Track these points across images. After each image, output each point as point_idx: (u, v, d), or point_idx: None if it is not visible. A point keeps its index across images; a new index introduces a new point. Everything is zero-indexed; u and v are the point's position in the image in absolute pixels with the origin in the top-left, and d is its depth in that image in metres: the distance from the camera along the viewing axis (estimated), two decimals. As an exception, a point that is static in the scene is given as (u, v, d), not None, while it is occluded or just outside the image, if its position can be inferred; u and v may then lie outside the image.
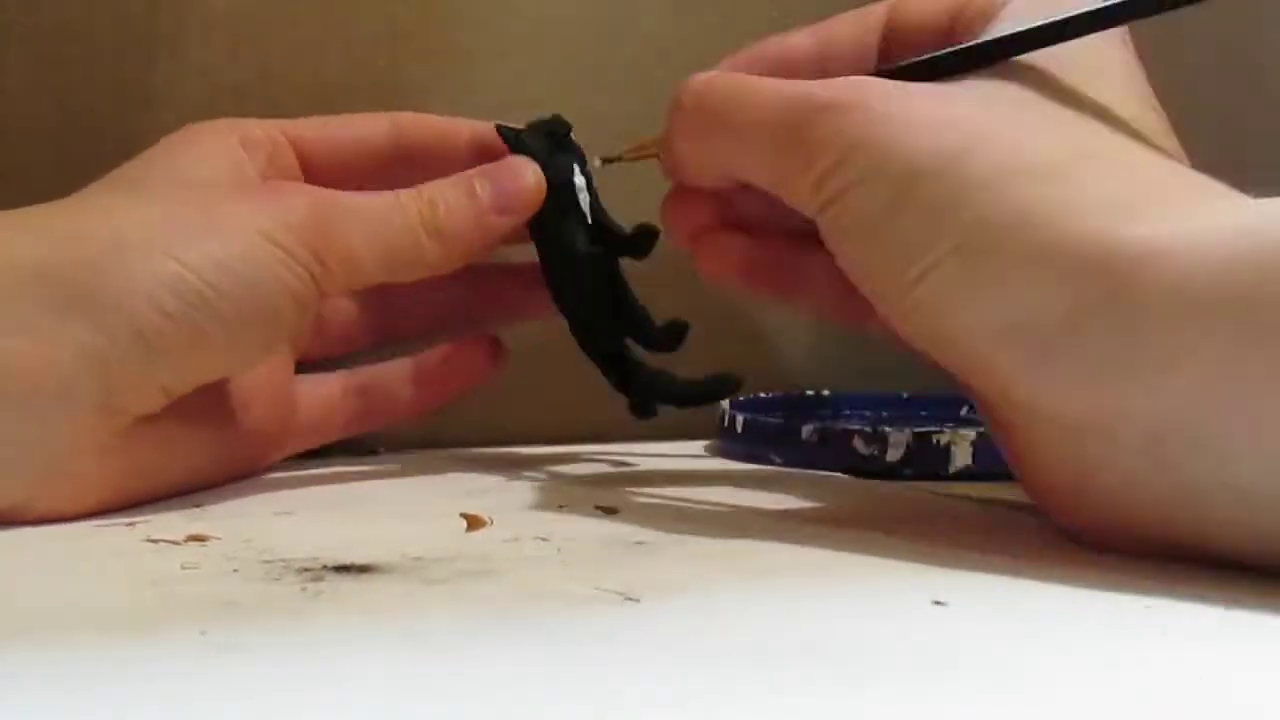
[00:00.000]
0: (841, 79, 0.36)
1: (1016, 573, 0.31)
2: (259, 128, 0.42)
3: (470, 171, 0.41)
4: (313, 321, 0.42)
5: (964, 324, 0.33)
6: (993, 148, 0.33)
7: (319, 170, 0.43)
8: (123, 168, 0.40)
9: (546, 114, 0.44)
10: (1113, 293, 0.31)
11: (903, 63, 0.37)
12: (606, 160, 0.43)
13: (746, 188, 0.38)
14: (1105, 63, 0.35)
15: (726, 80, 0.38)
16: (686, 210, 0.41)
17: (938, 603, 0.28)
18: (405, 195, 0.40)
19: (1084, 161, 0.33)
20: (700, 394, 0.44)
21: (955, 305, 0.33)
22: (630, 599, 0.28)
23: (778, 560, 0.33)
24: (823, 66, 0.40)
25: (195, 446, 0.39)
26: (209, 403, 0.39)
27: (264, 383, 0.41)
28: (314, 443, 0.45)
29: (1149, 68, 0.37)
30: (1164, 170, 0.33)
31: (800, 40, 0.40)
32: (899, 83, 0.35)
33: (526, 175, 0.41)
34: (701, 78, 0.38)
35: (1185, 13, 0.37)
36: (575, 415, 0.53)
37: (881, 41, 0.40)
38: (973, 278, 0.32)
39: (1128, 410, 0.31)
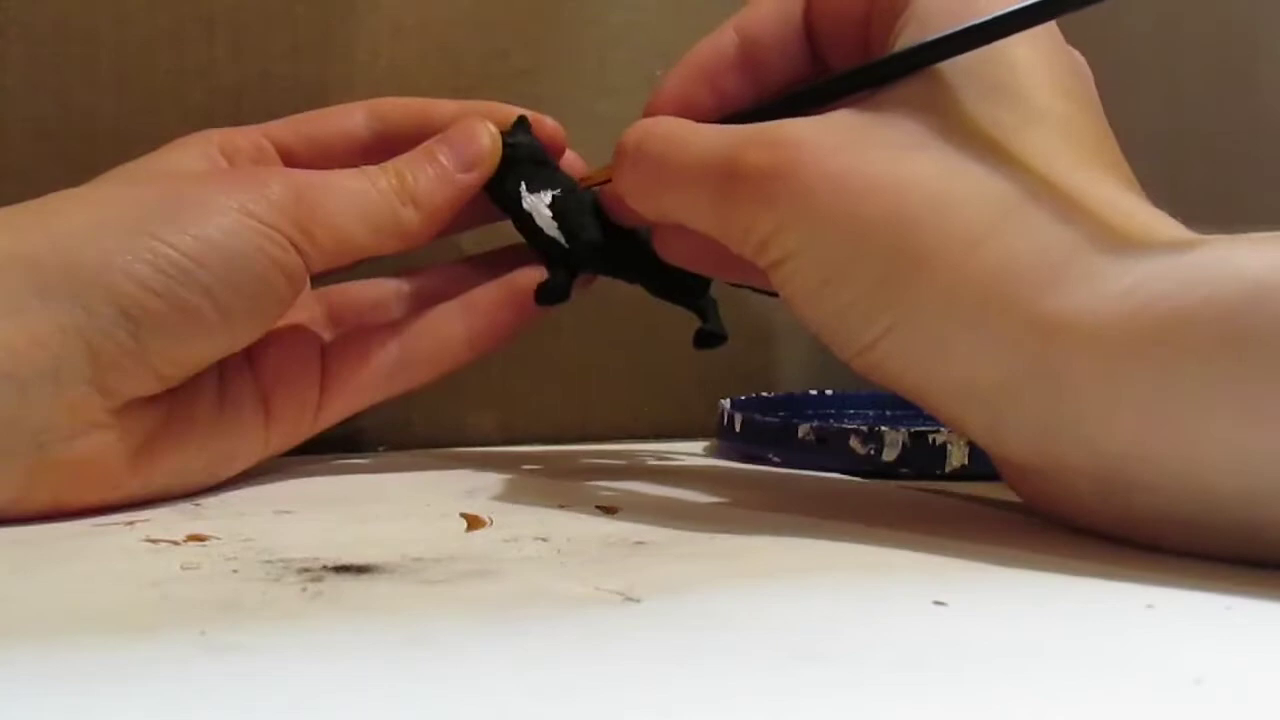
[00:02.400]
0: (771, 130, 0.35)
1: (1016, 572, 0.31)
2: (240, 134, 0.43)
3: (428, 142, 0.42)
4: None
5: (916, 385, 0.34)
6: (921, 216, 0.33)
7: (302, 167, 0.43)
8: (109, 172, 0.41)
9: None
10: (1039, 359, 0.32)
11: (824, 80, 0.37)
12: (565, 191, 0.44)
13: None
14: (1018, 59, 0.35)
15: (663, 132, 0.38)
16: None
17: (938, 603, 0.28)
18: (373, 170, 0.41)
19: (1011, 217, 0.33)
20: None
21: (905, 372, 0.34)
22: (630, 599, 0.28)
23: (778, 560, 0.33)
24: (753, 71, 0.40)
25: (210, 428, 0.39)
26: (224, 384, 0.39)
27: (286, 352, 0.41)
28: (359, 404, 0.43)
29: (1145, 69, 0.37)
30: (1093, 204, 0.33)
31: (726, 43, 0.40)
32: (827, 138, 0.34)
33: (481, 134, 0.42)
34: (640, 128, 0.39)
35: (1183, 13, 0.36)
36: (575, 415, 0.53)
37: (805, 30, 0.39)
38: (915, 348, 0.34)
39: (1072, 463, 0.32)
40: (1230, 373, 0.29)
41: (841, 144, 0.34)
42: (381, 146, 0.44)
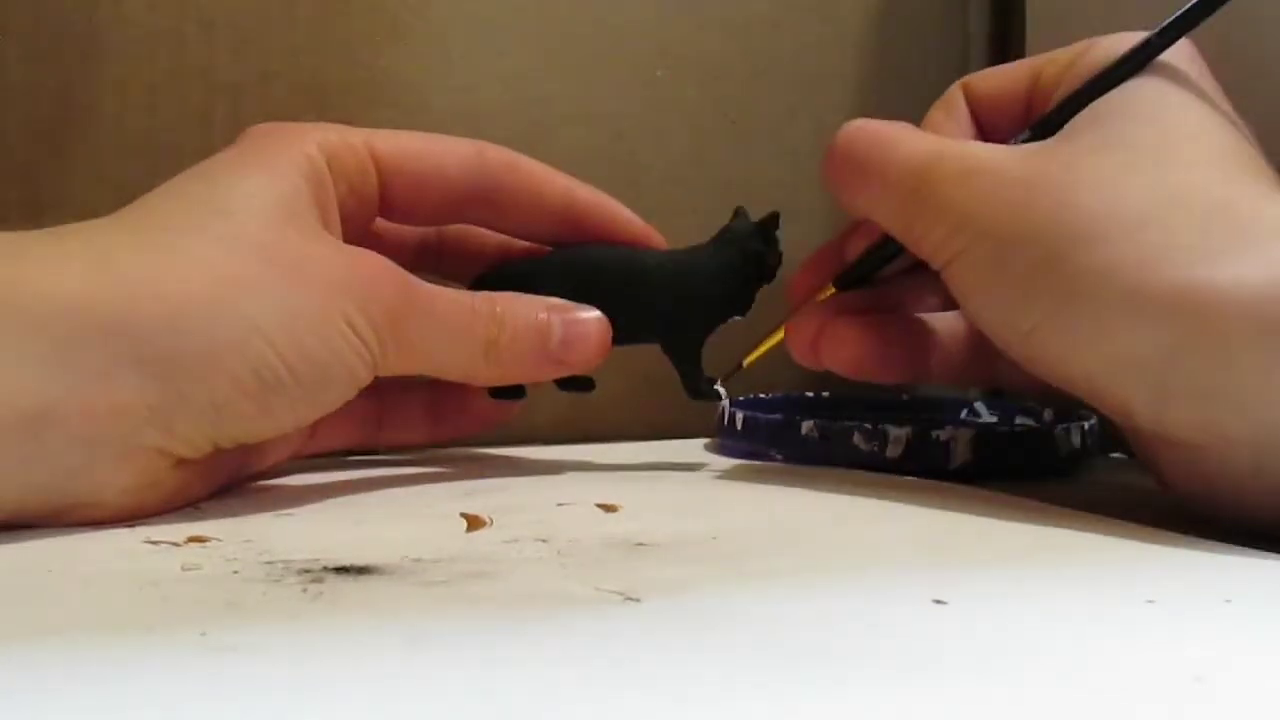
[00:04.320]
0: (964, 144, 0.39)
1: (1017, 570, 0.31)
2: (345, 145, 0.40)
3: (546, 306, 0.42)
4: None
5: (1079, 368, 0.36)
6: (1081, 206, 0.35)
7: (397, 198, 0.42)
8: (196, 177, 0.38)
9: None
10: (1201, 330, 0.33)
11: (1023, 135, 0.40)
12: (726, 377, 0.45)
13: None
14: (1173, 87, 0.38)
15: (869, 132, 0.41)
16: (802, 324, 0.44)
17: (938, 601, 0.28)
18: (480, 306, 0.40)
19: (1166, 209, 0.35)
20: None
21: (1067, 353, 0.36)
22: (630, 599, 0.28)
23: (778, 560, 0.33)
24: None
25: (229, 461, 0.39)
26: None
27: None
28: (332, 446, 0.46)
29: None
30: (1242, 204, 0.35)
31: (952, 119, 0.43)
32: (1003, 148, 0.38)
33: (595, 333, 0.42)
34: (850, 127, 0.41)
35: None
36: (575, 415, 0.53)
37: (973, 118, 0.43)
38: (1077, 327, 0.35)
39: (1232, 435, 0.33)
40: None
41: (1020, 162, 0.37)
42: (480, 198, 0.43)
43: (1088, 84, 0.38)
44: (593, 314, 0.42)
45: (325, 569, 0.30)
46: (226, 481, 0.40)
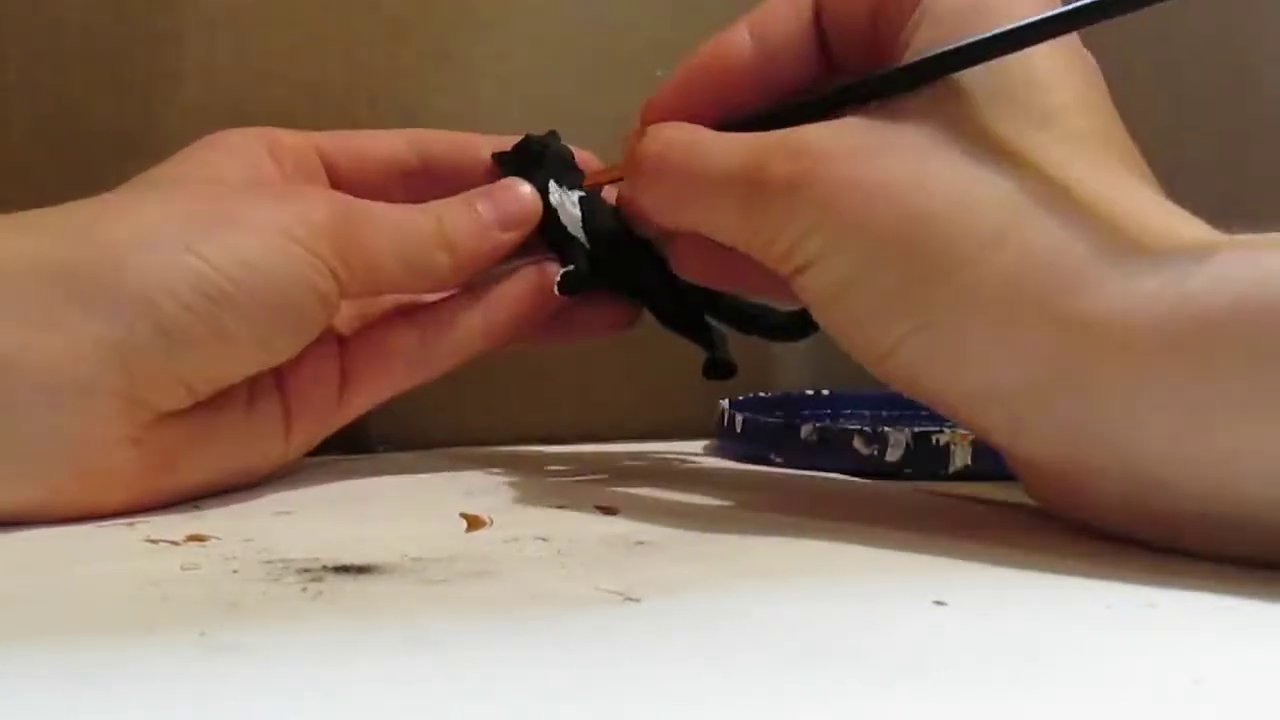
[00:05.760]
0: (793, 139, 0.35)
1: (1017, 572, 0.31)
2: (288, 135, 0.43)
3: (471, 192, 0.42)
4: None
5: (938, 390, 0.34)
6: (938, 217, 0.33)
7: (344, 182, 0.43)
8: (148, 171, 0.40)
9: (547, 116, 0.44)
10: (1065, 364, 0.32)
11: (841, 85, 0.37)
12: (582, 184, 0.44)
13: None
14: (1034, 63, 0.34)
15: (685, 141, 0.38)
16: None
17: (938, 602, 0.28)
18: (414, 210, 0.41)
19: (1028, 216, 0.33)
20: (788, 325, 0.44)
21: (925, 377, 0.34)
22: (630, 599, 0.28)
23: (778, 560, 0.33)
24: (763, 72, 0.39)
25: (235, 435, 0.39)
26: (253, 396, 0.39)
27: (307, 355, 0.40)
28: (380, 397, 0.43)
29: (1144, 69, 0.37)
30: (1105, 208, 0.32)
31: (739, 43, 0.39)
32: (846, 145, 0.35)
33: (523, 194, 0.43)
34: (659, 138, 0.38)
35: (1184, 13, 0.36)
36: (575, 415, 0.53)
37: (816, 28, 0.39)
38: (937, 355, 0.34)
39: (1097, 466, 0.32)
40: (1264, 377, 0.29)
41: (862, 150, 0.35)
42: (423, 176, 0.44)
43: (956, 49, 0.34)
44: (511, 179, 0.43)
45: (325, 568, 0.30)
46: (225, 477, 0.39)
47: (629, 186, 0.40)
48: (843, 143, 0.35)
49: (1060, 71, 0.35)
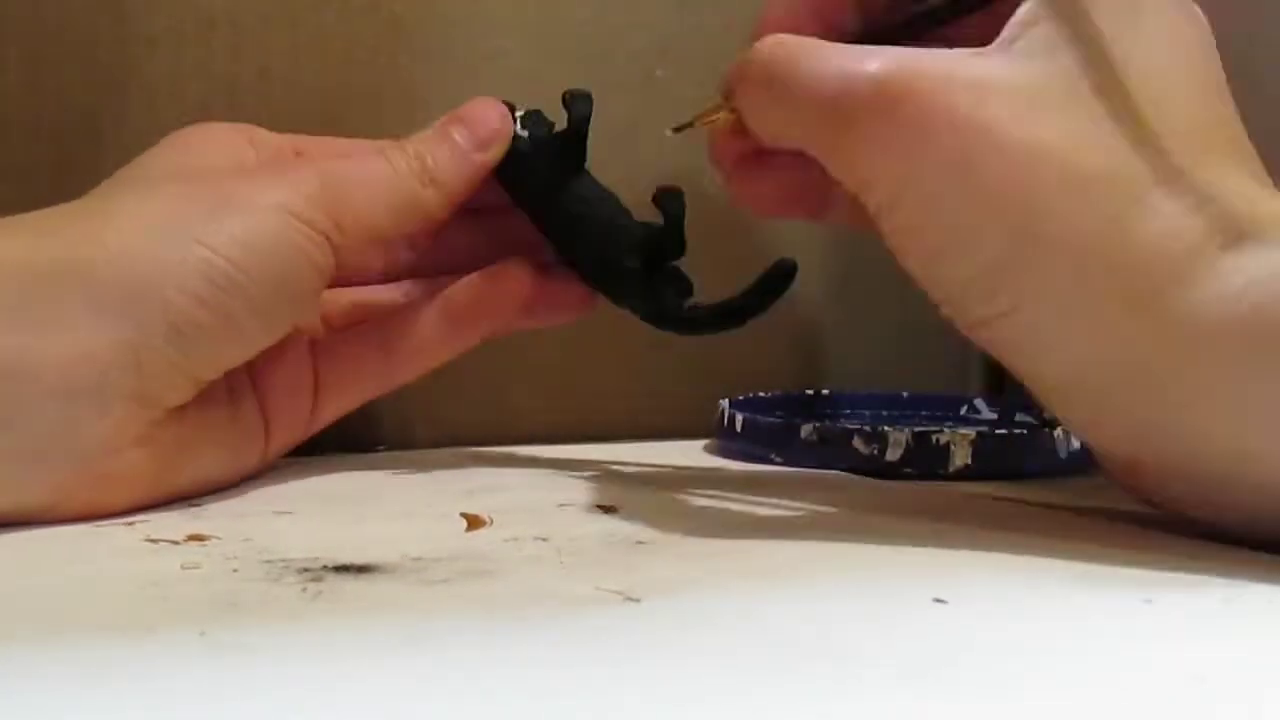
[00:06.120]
0: (895, 52, 0.34)
1: (1017, 570, 0.31)
2: (266, 132, 0.43)
3: (444, 119, 0.43)
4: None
5: (1025, 370, 0.34)
6: (1053, 194, 0.32)
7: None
8: (129, 166, 0.40)
9: (546, 113, 0.44)
10: (1149, 360, 0.32)
11: (936, 4, 0.36)
12: (677, 129, 0.42)
13: None
14: (1151, 29, 0.34)
15: (792, 46, 0.36)
16: (730, 146, 0.40)
17: (938, 600, 0.28)
18: (392, 150, 0.41)
19: (1143, 201, 0.32)
20: (756, 295, 0.42)
21: (1015, 353, 0.34)
22: (630, 599, 0.28)
23: (778, 560, 0.33)
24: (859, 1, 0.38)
25: (222, 434, 0.39)
26: (232, 392, 0.39)
27: (281, 359, 0.41)
28: (352, 404, 0.43)
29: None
30: (1215, 197, 0.32)
31: None
32: (948, 71, 0.33)
33: (492, 114, 0.43)
34: (770, 43, 0.37)
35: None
36: (575, 415, 0.53)
37: None
38: (1031, 335, 0.33)
39: (1169, 461, 0.33)
40: None
41: (963, 82, 0.33)
42: None
43: None
44: (480, 98, 0.43)
45: (325, 568, 0.30)
46: (217, 476, 0.39)
47: (738, 94, 0.38)
48: (945, 68, 0.33)
49: (1180, 49, 0.34)
